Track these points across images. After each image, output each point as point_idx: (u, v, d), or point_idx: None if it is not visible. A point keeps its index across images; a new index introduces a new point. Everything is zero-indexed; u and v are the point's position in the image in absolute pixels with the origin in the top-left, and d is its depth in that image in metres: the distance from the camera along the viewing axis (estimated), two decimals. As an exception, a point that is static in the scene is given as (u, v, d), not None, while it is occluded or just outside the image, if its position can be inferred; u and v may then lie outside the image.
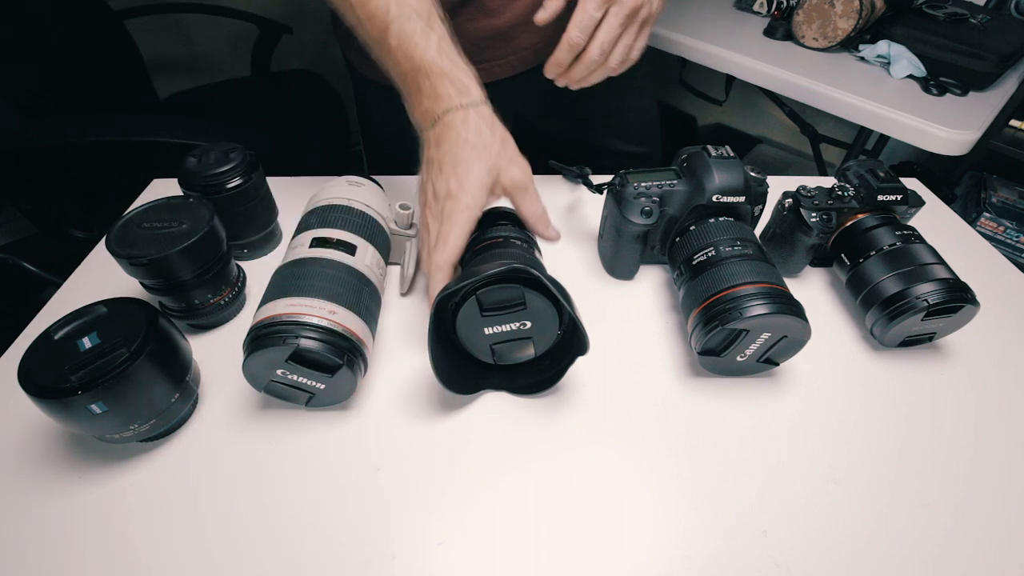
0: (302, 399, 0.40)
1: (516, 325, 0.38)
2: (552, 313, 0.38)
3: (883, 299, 0.45)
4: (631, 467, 0.39)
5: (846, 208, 0.50)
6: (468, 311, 0.37)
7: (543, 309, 0.37)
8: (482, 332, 0.38)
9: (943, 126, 0.98)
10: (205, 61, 1.71)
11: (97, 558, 0.33)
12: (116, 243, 0.40)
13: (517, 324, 0.38)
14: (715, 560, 0.34)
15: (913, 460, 0.40)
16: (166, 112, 1.35)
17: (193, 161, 0.49)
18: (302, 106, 1.39)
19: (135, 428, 0.35)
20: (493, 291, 0.36)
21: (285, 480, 0.37)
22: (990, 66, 1.07)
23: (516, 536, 0.35)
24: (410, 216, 0.49)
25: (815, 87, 1.08)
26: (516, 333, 0.39)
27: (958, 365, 0.47)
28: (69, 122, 0.94)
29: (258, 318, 0.37)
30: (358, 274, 0.41)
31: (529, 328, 0.38)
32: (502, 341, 0.39)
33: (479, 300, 0.36)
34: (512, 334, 0.39)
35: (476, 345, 0.39)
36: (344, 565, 0.33)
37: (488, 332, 0.38)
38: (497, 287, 0.36)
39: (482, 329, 0.38)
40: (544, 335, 0.39)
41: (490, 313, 0.37)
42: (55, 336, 0.34)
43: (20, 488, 0.37)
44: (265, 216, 0.54)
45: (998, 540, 0.36)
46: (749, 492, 0.38)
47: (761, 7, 1.33)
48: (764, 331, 0.40)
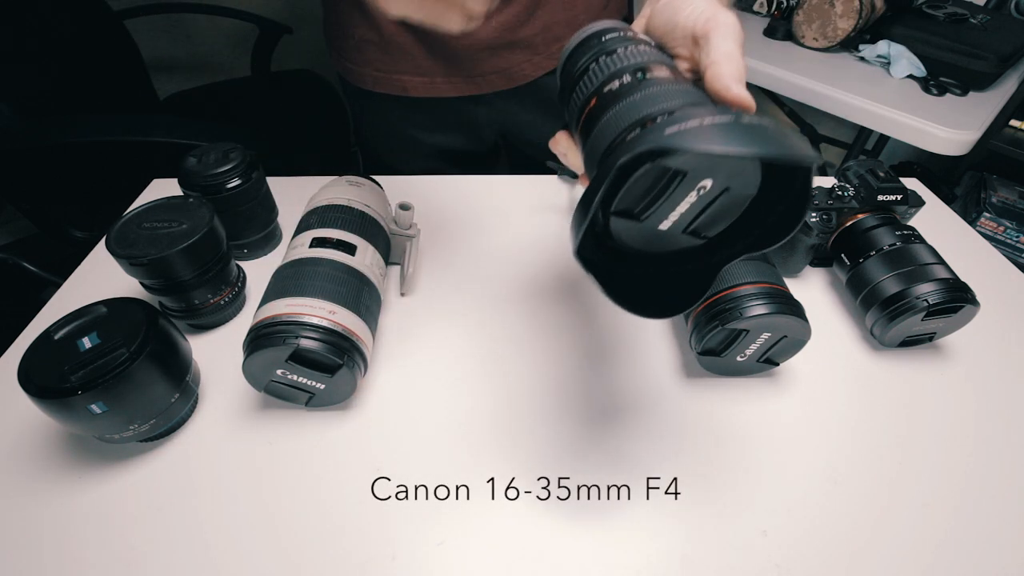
0: (302, 399, 0.40)
1: (694, 194, 0.25)
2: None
3: (883, 299, 0.45)
4: (631, 467, 0.39)
5: (846, 208, 0.50)
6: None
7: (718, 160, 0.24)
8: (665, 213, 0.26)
9: (943, 126, 0.98)
10: (205, 61, 1.71)
11: (97, 558, 0.33)
12: (116, 243, 0.40)
13: (695, 192, 0.25)
14: (715, 560, 0.34)
15: (913, 460, 0.40)
16: (166, 112, 1.35)
17: (193, 161, 0.49)
18: (302, 106, 1.39)
19: (135, 428, 0.35)
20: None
21: (285, 480, 0.37)
22: (990, 66, 1.07)
23: (516, 536, 0.35)
24: (410, 216, 0.49)
25: (815, 87, 1.08)
26: (705, 198, 0.25)
27: (958, 365, 0.47)
28: (69, 122, 0.94)
29: (258, 318, 0.38)
30: (358, 274, 0.41)
31: (714, 185, 0.25)
32: (698, 214, 0.26)
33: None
34: (703, 199, 0.25)
35: (658, 234, 0.27)
36: (344, 565, 0.33)
37: (674, 210, 0.26)
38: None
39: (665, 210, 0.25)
40: (742, 178, 0.25)
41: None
42: (55, 336, 0.34)
43: (20, 488, 0.37)
44: (265, 216, 0.54)
45: (998, 540, 0.36)
46: (749, 492, 0.38)
47: (761, 7, 1.34)
48: (764, 331, 0.40)
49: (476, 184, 0.66)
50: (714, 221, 0.27)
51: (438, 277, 0.53)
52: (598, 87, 0.29)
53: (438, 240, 0.57)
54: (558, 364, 0.45)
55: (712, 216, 0.26)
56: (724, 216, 0.27)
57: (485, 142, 0.77)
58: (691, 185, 0.24)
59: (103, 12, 1.25)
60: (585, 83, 0.30)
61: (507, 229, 0.59)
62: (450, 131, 0.73)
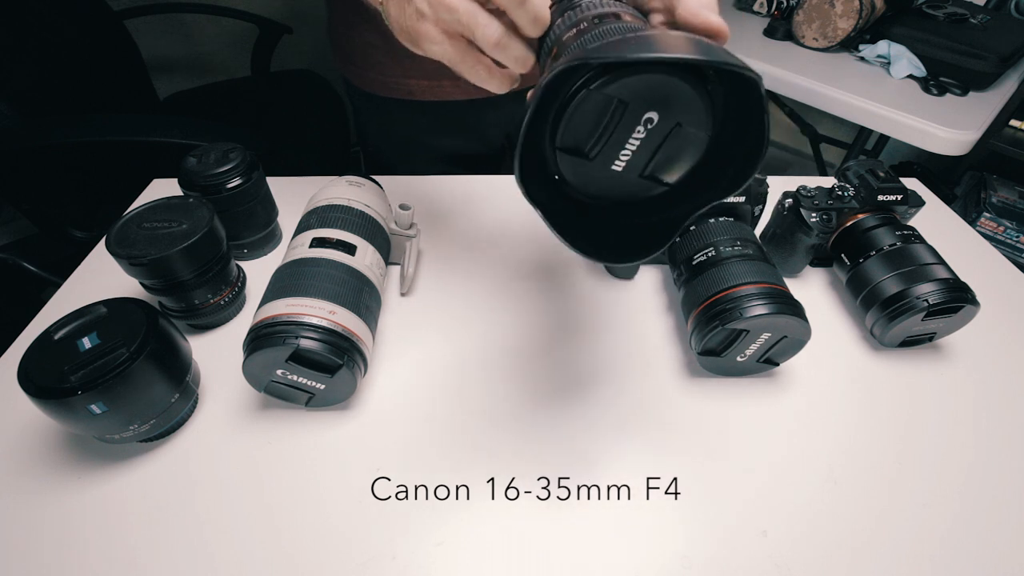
0: (302, 399, 0.40)
1: (641, 128, 0.24)
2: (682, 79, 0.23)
3: (883, 299, 0.45)
4: (631, 467, 0.39)
5: (846, 208, 0.50)
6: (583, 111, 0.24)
7: (666, 84, 0.23)
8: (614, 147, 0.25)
9: (943, 126, 0.98)
10: (205, 61, 1.71)
11: (97, 558, 0.33)
12: (116, 243, 0.40)
13: (642, 127, 0.24)
14: (715, 560, 0.34)
15: (913, 460, 0.40)
16: (166, 112, 1.35)
17: (193, 161, 0.49)
18: (302, 106, 1.39)
19: (135, 428, 0.35)
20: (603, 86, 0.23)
21: (285, 480, 0.37)
22: (990, 66, 1.07)
23: (516, 536, 0.35)
24: (410, 216, 0.49)
25: (815, 87, 1.08)
26: (656, 133, 0.25)
27: (958, 365, 0.47)
28: (69, 122, 0.94)
29: (258, 318, 0.38)
30: (358, 274, 0.41)
31: (661, 120, 0.24)
32: (651, 154, 0.25)
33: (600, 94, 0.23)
34: (653, 137, 0.25)
35: (607, 177, 0.26)
36: (344, 565, 0.33)
37: (623, 148, 0.25)
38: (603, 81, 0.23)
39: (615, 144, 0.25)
40: (692, 113, 0.24)
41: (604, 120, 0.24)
42: (55, 336, 0.34)
43: (20, 488, 0.37)
44: (265, 216, 0.54)
45: (998, 540, 0.36)
46: (749, 492, 0.38)
47: (761, 7, 1.33)
48: (764, 331, 0.40)
49: (476, 184, 0.66)
50: (670, 163, 0.26)
51: (438, 277, 0.53)
52: (558, 37, 0.29)
53: (438, 240, 0.57)
54: (558, 364, 0.45)
55: (667, 157, 0.26)
56: (681, 158, 0.26)
57: (492, 144, 0.76)
58: (635, 117, 0.24)
59: (103, 12, 1.25)
60: (550, 36, 0.30)
61: (507, 229, 0.59)
62: (457, 134, 0.72)
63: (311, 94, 1.41)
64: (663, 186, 0.27)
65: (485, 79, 0.33)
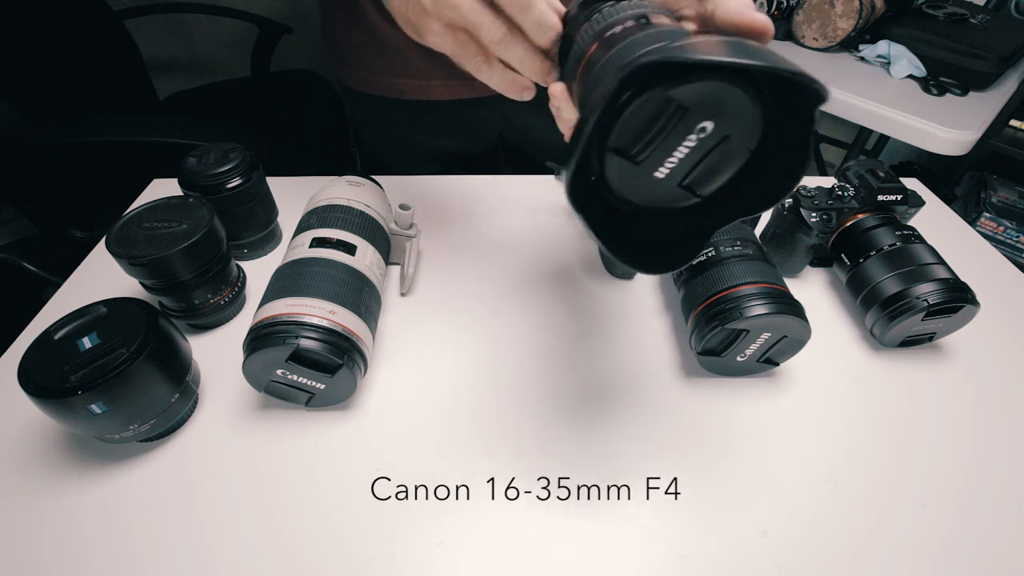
0: (302, 399, 0.40)
1: (693, 137, 0.24)
2: (736, 92, 0.23)
3: (883, 299, 0.45)
4: (631, 467, 0.39)
5: (846, 208, 0.50)
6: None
7: (720, 95, 0.23)
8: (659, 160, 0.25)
9: (943, 126, 0.98)
10: (205, 61, 1.71)
11: (97, 558, 0.33)
12: (116, 243, 0.40)
13: (694, 135, 0.24)
14: (715, 560, 0.34)
15: (913, 460, 0.40)
16: (166, 112, 1.35)
17: (193, 161, 0.49)
18: (302, 106, 1.39)
19: (135, 428, 0.35)
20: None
21: (285, 480, 0.37)
22: (990, 66, 1.07)
23: (516, 536, 0.35)
24: (410, 216, 0.49)
25: (815, 87, 1.08)
26: (706, 142, 0.24)
27: (958, 365, 0.47)
28: (69, 122, 0.94)
29: (258, 318, 0.38)
30: (358, 274, 0.41)
31: (714, 130, 0.24)
32: (695, 164, 0.25)
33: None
34: (701, 146, 0.24)
35: (650, 186, 0.26)
36: (344, 565, 0.33)
37: (671, 155, 0.25)
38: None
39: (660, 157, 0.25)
40: (743, 125, 0.24)
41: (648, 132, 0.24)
42: (55, 336, 0.34)
43: (20, 488, 0.37)
44: (265, 216, 0.54)
45: (998, 540, 0.36)
46: (749, 492, 0.38)
47: (761, 7, 1.33)
48: (764, 331, 0.40)
49: (476, 184, 0.66)
50: (710, 175, 0.26)
51: (438, 277, 0.53)
52: (599, 32, 0.28)
53: (438, 240, 0.57)
54: (558, 364, 0.45)
55: (709, 168, 0.25)
56: (720, 171, 0.26)
57: (485, 144, 0.77)
58: (691, 125, 0.23)
59: (103, 12, 1.25)
60: (586, 31, 0.29)
61: (507, 229, 0.59)
62: (450, 134, 0.73)
63: (311, 94, 1.41)
64: (695, 197, 0.27)
65: (486, 73, 0.34)
